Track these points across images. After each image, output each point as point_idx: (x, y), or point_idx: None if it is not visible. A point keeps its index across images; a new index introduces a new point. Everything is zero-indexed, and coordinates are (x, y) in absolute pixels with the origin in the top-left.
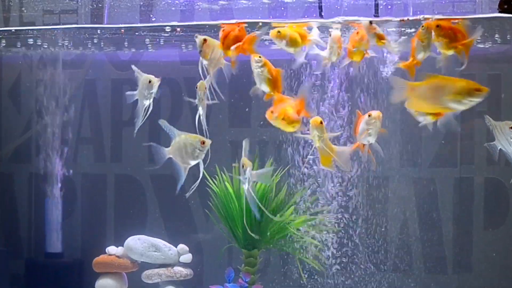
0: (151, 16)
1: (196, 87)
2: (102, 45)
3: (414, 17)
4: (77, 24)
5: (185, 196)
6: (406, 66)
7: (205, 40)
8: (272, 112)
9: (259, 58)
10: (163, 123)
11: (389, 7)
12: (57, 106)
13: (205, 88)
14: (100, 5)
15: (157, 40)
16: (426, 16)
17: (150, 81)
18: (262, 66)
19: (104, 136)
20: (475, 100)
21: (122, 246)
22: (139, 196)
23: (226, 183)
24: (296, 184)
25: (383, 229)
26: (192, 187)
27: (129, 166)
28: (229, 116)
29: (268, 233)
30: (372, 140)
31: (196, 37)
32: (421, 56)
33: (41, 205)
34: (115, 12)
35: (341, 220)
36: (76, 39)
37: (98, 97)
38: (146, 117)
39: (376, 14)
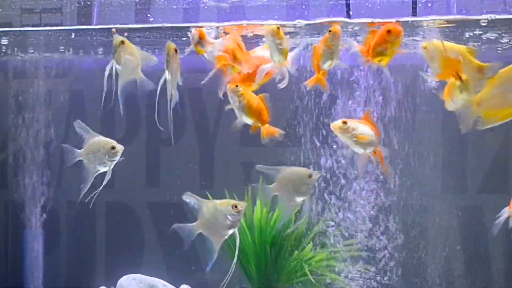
0: (149, 15)
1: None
2: (91, 50)
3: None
4: (62, 25)
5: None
6: (315, 81)
7: (123, 42)
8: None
9: (237, 88)
10: (189, 197)
11: (429, 4)
12: (38, 122)
13: (175, 50)
14: (88, 3)
15: (156, 43)
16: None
17: (113, 147)
18: (240, 96)
19: None
20: None
21: (115, 287)
22: (135, 228)
23: None
24: (319, 213)
25: (422, 266)
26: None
27: (122, 192)
28: (241, 132)
29: (286, 271)
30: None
31: (114, 33)
32: (327, 65)
33: (18, 238)
34: (106, 11)
35: (373, 256)
36: (61, 42)
37: (86, 111)
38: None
39: (414, 13)
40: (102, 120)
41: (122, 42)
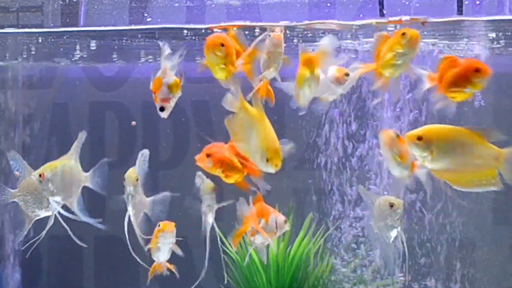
0: (146, 15)
1: (124, 179)
2: (77, 57)
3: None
4: (43, 26)
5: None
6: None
7: (41, 175)
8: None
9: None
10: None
11: (477, 2)
12: (14, 141)
13: (137, 180)
14: (74, 0)
15: (154, 48)
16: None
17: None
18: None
19: None
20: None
21: None
22: (129, 265)
23: (249, 248)
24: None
25: None
26: None
27: (114, 224)
28: None
29: None
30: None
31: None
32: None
33: None
34: (95, 10)
35: None
36: (42, 47)
37: (71, 127)
38: None
39: (460, 12)
40: (91, 140)
41: (41, 176)
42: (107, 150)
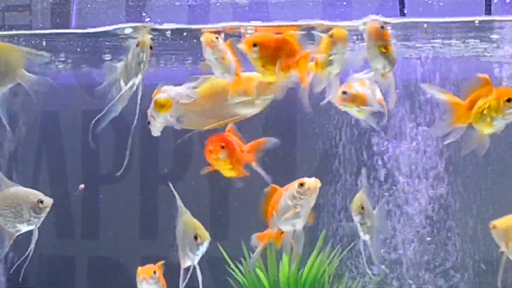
0: (144, 14)
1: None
2: (69, 61)
3: None
4: (31, 27)
5: None
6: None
7: None
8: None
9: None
10: None
11: (507, 0)
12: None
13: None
14: None
15: (153, 50)
16: None
17: (41, 201)
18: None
19: (71, 199)
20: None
21: None
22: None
23: (258, 271)
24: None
25: None
26: None
27: (109, 244)
28: (263, 168)
29: None
30: (299, 225)
31: None
32: None
33: None
34: (88, 9)
35: None
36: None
37: (62, 139)
38: None
39: (488, 11)
40: (83, 153)
41: None
42: (102, 161)
